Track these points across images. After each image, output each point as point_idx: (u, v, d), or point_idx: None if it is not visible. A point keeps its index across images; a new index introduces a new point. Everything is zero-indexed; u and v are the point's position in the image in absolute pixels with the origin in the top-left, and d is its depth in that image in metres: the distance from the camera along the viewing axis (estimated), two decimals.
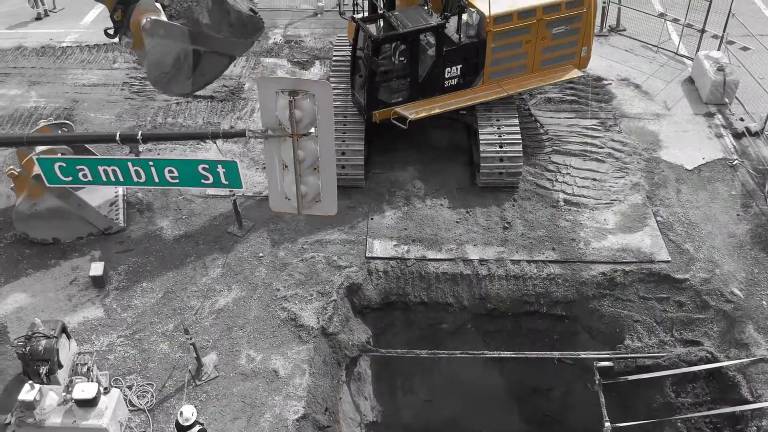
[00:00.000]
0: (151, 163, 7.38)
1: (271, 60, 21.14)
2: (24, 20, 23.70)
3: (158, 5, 13.21)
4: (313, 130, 6.55)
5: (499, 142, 16.23)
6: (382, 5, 16.23)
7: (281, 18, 23.40)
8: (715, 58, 19.23)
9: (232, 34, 13.48)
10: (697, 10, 20.36)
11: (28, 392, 11.35)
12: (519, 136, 16.34)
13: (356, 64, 16.57)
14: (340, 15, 18.14)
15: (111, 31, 14.64)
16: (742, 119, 18.60)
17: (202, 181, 7.73)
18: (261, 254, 15.15)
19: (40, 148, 15.21)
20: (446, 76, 16.07)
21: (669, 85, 19.96)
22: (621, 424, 13.39)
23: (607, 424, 13.38)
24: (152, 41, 13.17)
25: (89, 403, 11.41)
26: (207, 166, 7.55)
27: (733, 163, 17.26)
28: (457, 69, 16.03)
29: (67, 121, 15.96)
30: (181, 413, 11.06)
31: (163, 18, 12.98)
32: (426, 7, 15.79)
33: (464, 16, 16.06)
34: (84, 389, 11.44)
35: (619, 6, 22.03)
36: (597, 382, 13.93)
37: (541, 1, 15.92)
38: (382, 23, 15.76)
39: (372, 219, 15.91)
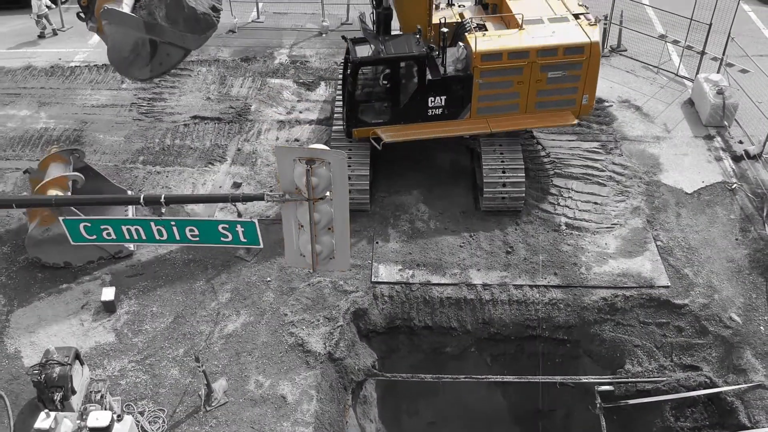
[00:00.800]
0: (173, 222, 7.69)
1: (277, 81, 21.46)
2: (31, 39, 24.07)
3: None
4: (328, 193, 6.87)
5: (502, 167, 16.53)
6: (371, 26, 16.61)
7: (286, 38, 23.72)
8: (715, 81, 19.52)
9: (186, 28, 14.27)
10: (698, 30, 20.65)
11: (43, 421, 11.63)
12: (522, 163, 16.65)
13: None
14: (342, 38, 18.48)
15: (82, 15, 15.20)
16: (741, 142, 18.90)
17: (222, 239, 8.04)
18: (268, 278, 15.45)
19: (51, 172, 15.63)
20: (430, 105, 16.18)
21: (669, 107, 20.26)
22: None
23: None
24: (110, 28, 13.98)
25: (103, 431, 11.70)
26: (227, 226, 7.86)
27: (732, 187, 17.55)
28: (441, 99, 16.12)
29: (77, 147, 16.28)
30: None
31: (119, 7, 13.70)
32: (417, 36, 16.12)
33: (454, 49, 16.35)
34: (98, 417, 11.72)
35: (620, 27, 22.33)
36: (598, 405, 14.23)
37: (535, 43, 15.63)
38: (372, 46, 16.12)
39: (377, 243, 16.21)
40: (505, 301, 15.18)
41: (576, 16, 16.11)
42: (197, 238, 7.94)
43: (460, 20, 16.88)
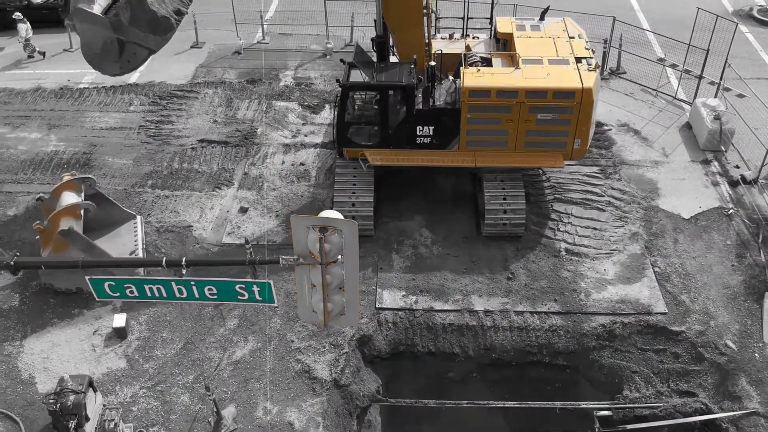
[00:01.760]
0: (193, 283, 8.10)
1: (283, 103, 21.85)
2: (40, 59, 24.52)
3: None
4: (339, 257, 7.27)
5: (503, 194, 16.92)
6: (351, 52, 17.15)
7: (291, 59, 24.13)
8: (712, 106, 19.91)
9: (148, 30, 15.34)
10: (696, 54, 21.02)
11: None
12: (522, 190, 17.03)
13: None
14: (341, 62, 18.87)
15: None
16: (737, 167, 19.28)
17: (239, 297, 8.45)
18: (275, 305, 15.80)
19: (64, 200, 16.01)
20: (418, 133, 16.55)
21: (667, 130, 20.66)
22: None
23: None
24: (81, 26, 15.09)
25: None
26: (243, 286, 8.27)
27: (729, 213, 17.93)
28: (429, 129, 16.46)
29: (89, 176, 16.65)
30: None
31: (89, 8, 14.71)
32: (412, 66, 16.49)
33: (448, 82, 16.77)
34: None
35: (619, 50, 22.71)
36: (597, 430, 14.62)
37: (524, 84, 15.67)
38: (363, 73, 16.57)
39: (381, 269, 16.60)
40: (506, 327, 15.57)
41: (578, 60, 16.28)
42: (215, 296, 8.35)
43: (465, 52, 17.22)
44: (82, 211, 15.92)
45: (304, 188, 18.74)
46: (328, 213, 7.30)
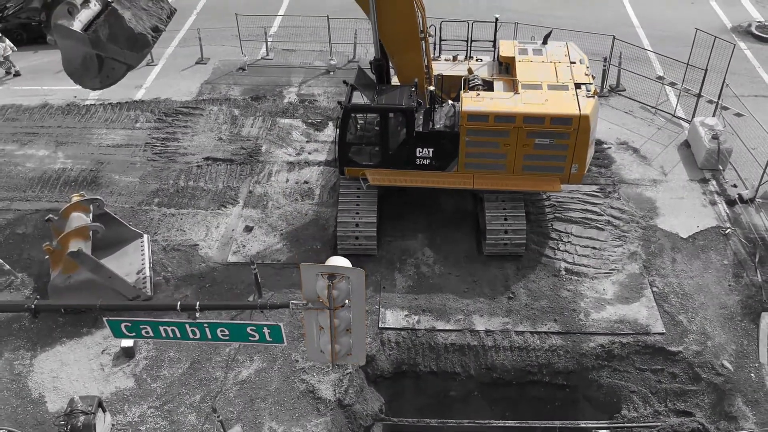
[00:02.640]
0: (206, 325, 8.40)
1: (287, 121, 22.15)
2: (46, 74, 24.81)
3: (72, 11, 15.25)
4: (347, 301, 7.57)
5: (504, 215, 17.21)
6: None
7: (295, 75, 24.42)
8: (710, 125, 20.18)
9: (126, 46, 15.80)
10: (695, 70, 21.29)
11: None
12: (523, 210, 17.33)
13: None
14: (344, 83, 19.18)
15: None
16: (735, 185, 19.56)
17: (250, 338, 8.76)
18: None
19: (73, 222, 16.30)
20: (418, 154, 16.90)
21: (666, 149, 20.94)
22: None
23: None
24: (61, 41, 15.49)
25: None
26: (254, 328, 8.58)
27: (726, 232, 18.21)
28: (429, 151, 16.82)
29: (98, 197, 16.96)
30: None
31: (68, 24, 15.14)
32: (412, 89, 16.83)
33: (448, 106, 17.11)
34: None
35: (619, 68, 23.00)
36: None
37: (522, 110, 15.90)
38: (363, 95, 16.90)
39: (384, 288, 16.90)
40: (507, 347, 15.85)
41: (577, 86, 16.54)
42: (227, 337, 8.67)
43: (467, 75, 17.51)
44: (90, 233, 16.22)
45: (308, 207, 19.04)
46: (335, 260, 7.61)
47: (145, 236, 17.76)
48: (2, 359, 15.55)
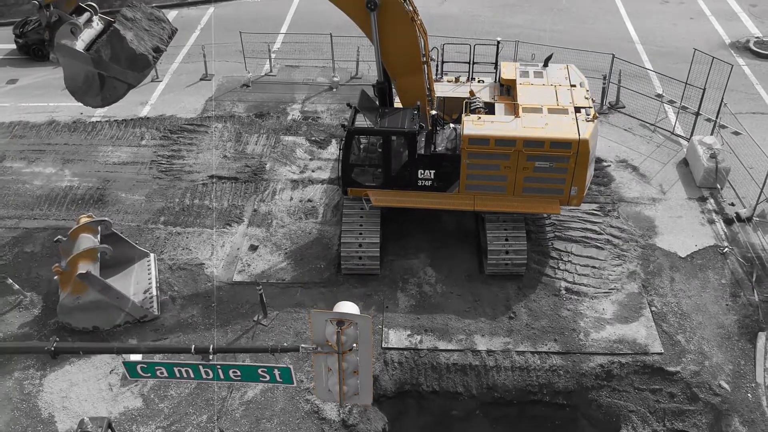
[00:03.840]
0: (219, 367, 8.70)
1: (291, 138, 22.44)
2: (53, 91, 25.08)
3: (75, 32, 15.78)
4: (354, 345, 7.87)
5: (505, 235, 17.50)
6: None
7: (298, 92, 24.71)
8: (708, 144, 20.46)
9: (127, 66, 16.27)
10: (694, 88, 21.56)
11: None
12: (524, 231, 17.60)
13: None
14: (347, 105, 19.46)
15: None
16: (732, 204, 19.84)
17: (260, 379, 9.05)
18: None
19: (81, 243, 16.58)
20: (419, 176, 17.25)
21: (665, 167, 21.22)
22: None
23: None
24: (63, 60, 15.99)
25: None
26: (265, 369, 8.87)
27: (724, 251, 18.48)
28: (430, 173, 17.16)
29: (105, 219, 17.24)
30: None
31: (71, 44, 15.67)
32: (415, 112, 17.12)
33: (449, 129, 17.40)
34: None
35: (618, 85, 23.28)
36: None
37: (523, 134, 16.18)
38: (367, 118, 17.21)
39: (387, 308, 17.18)
40: (508, 367, 16.13)
41: (577, 110, 16.84)
42: (239, 378, 8.96)
43: (468, 99, 17.79)
44: (99, 254, 16.52)
45: (312, 225, 19.33)
46: (344, 306, 7.90)
47: (152, 255, 18.05)
48: (12, 379, 15.84)
